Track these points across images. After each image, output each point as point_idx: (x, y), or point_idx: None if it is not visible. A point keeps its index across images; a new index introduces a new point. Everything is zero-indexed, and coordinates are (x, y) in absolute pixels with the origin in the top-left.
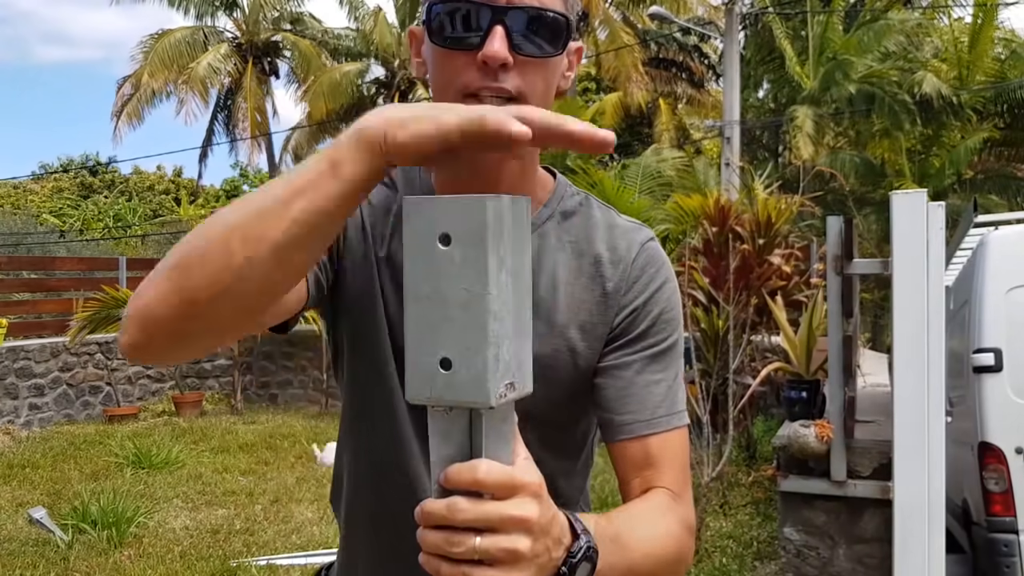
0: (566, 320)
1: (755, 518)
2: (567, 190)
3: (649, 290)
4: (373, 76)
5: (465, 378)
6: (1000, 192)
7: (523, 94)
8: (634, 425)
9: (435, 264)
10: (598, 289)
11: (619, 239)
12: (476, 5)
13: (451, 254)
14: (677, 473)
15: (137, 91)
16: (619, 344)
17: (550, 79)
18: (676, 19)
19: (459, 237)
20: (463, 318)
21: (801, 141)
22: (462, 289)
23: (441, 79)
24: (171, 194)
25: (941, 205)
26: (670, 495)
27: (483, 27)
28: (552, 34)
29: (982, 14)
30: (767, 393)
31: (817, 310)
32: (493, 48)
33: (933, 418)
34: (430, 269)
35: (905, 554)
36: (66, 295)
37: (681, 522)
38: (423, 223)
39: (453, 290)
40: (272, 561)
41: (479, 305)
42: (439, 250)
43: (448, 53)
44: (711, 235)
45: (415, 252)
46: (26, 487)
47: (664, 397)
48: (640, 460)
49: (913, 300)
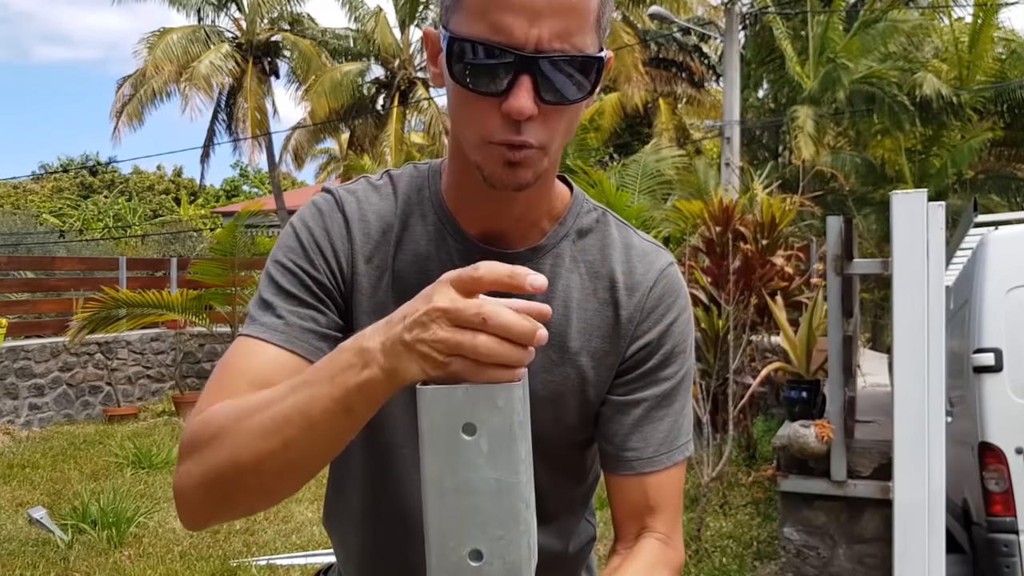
0: (578, 347)
1: (755, 518)
2: (584, 205)
3: (664, 322)
4: (373, 76)
5: (499, 569)
6: (1000, 192)
7: (545, 144)
8: (635, 463)
9: (460, 455)
10: (612, 315)
11: (637, 262)
12: (501, 49)
13: (478, 445)
14: (670, 514)
15: (137, 91)
16: (630, 379)
17: (574, 118)
18: (676, 19)
19: (485, 427)
20: (493, 508)
21: (802, 141)
22: (492, 480)
23: (461, 118)
24: (171, 194)
25: (941, 205)
26: (661, 542)
27: (508, 75)
28: (584, 78)
29: (982, 14)
30: (767, 393)
31: (817, 310)
32: (519, 104)
33: (933, 418)
34: (455, 460)
35: (905, 554)
36: (66, 295)
37: (671, 565)
38: (443, 414)
39: (482, 480)
40: (272, 561)
41: (510, 494)
42: (464, 440)
43: (470, 95)
44: (714, 235)
45: (436, 443)
46: (26, 487)
47: (668, 434)
48: (637, 501)
49: (913, 300)
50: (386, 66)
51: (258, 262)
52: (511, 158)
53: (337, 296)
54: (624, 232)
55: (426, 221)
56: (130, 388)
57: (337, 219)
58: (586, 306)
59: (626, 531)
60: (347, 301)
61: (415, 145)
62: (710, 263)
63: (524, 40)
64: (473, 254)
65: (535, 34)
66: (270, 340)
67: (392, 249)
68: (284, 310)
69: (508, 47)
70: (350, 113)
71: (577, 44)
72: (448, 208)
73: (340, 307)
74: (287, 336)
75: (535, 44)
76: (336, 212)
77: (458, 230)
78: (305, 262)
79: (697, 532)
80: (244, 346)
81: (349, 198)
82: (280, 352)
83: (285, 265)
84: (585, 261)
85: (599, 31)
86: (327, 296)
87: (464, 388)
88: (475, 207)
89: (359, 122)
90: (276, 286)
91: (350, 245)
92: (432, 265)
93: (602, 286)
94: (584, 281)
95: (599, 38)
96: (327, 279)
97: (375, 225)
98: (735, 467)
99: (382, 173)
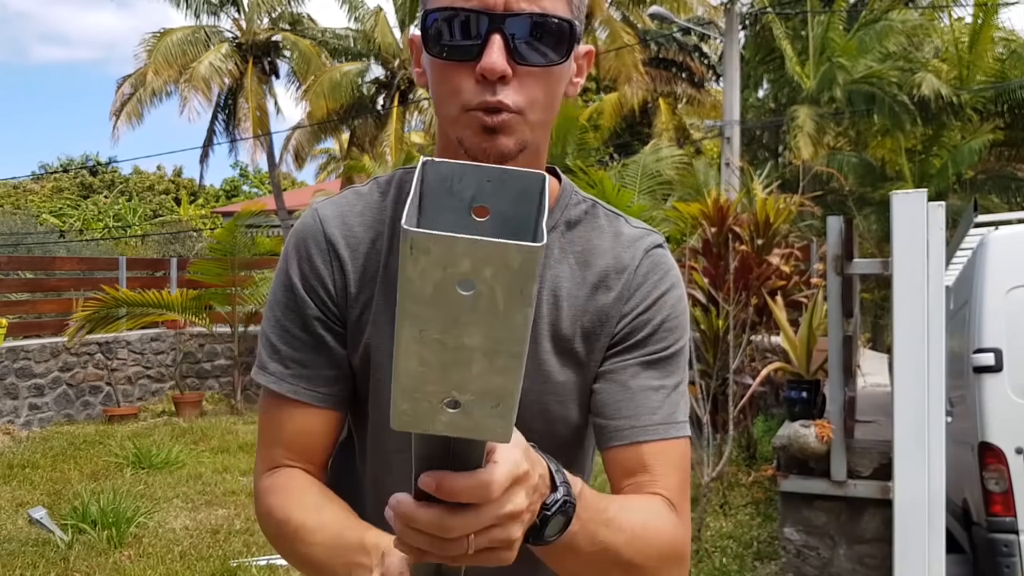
0: (571, 333)
1: (755, 518)
2: (572, 196)
3: (652, 296)
4: (373, 76)
5: (479, 419)
6: (1000, 192)
7: (523, 109)
8: (628, 431)
9: (452, 310)
10: (602, 299)
11: (624, 249)
12: (473, 13)
13: (475, 303)
14: (674, 481)
15: (137, 90)
16: (618, 350)
17: (554, 89)
18: (676, 19)
19: (486, 284)
20: (484, 367)
21: (802, 141)
22: (484, 338)
23: (440, 92)
24: (171, 194)
25: (941, 205)
26: (667, 502)
27: (480, 36)
28: (556, 41)
29: (982, 14)
30: (767, 393)
31: (817, 310)
32: (491, 60)
33: (933, 418)
34: (446, 315)
35: (905, 554)
36: (66, 295)
37: (677, 523)
38: (438, 262)
39: (472, 338)
40: (272, 561)
41: (504, 359)
42: (458, 295)
43: (445, 65)
44: (710, 235)
45: (423, 292)
46: (26, 487)
47: (661, 404)
48: (633, 466)
49: (913, 300)
50: (386, 66)
51: (258, 262)
52: (488, 122)
53: (337, 325)
54: (614, 222)
55: None
56: (130, 388)
57: (321, 245)
58: (576, 294)
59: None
60: (346, 321)
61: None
62: (707, 263)
63: (494, 2)
64: None
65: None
66: (289, 396)
67: (383, 257)
68: (289, 359)
69: (478, 10)
70: (350, 113)
71: (547, 7)
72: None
73: (340, 332)
74: (294, 388)
75: (504, 5)
76: (320, 237)
77: None
78: (297, 313)
79: (697, 532)
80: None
81: (332, 218)
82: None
83: (280, 322)
84: (574, 252)
85: (570, 4)
86: (327, 330)
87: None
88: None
89: (359, 122)
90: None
91: (340, 267)
92: None
93: (591, 273)
94: (574, 271)
95: (570, 11)
96: (323, 313)
97: (363, 236)
98: (735, 467)
99: (370, 181)
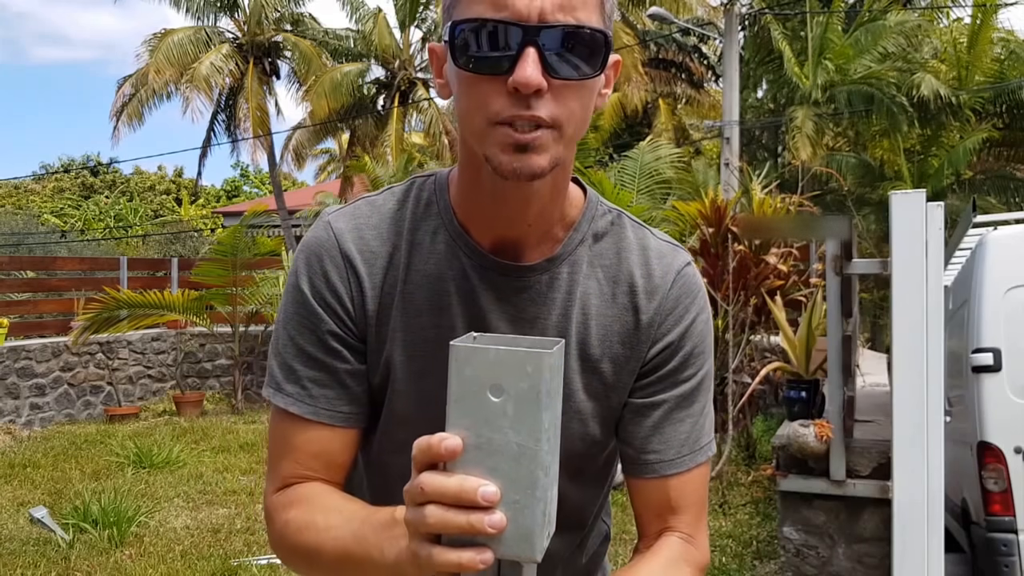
0: (599, 354)
1: (754, 517)
2: (598, 208)
3: (683, 324)
4: (373, 76)
5: (512, 533)
6: (998, 193)
7: (559, 121)
8: (657, 465)
9: (484, 414)
10: (631, 319)
11: (655, 264)
12: (505, 25)
13: (503, 407)
14: (694, 514)
15: (138, 91)
16: (650, 381)
17: (587, 101)
18: (676, 20)
19: (512, 390)
20: (511, 472)
21: (800, 142)
22: (513, 443)
23: (467, 105)
24: (172, 194)
25: (940, 205)
26: (684, 541)
27: (513, 49)
28: (590, 52)
29: (981, 14)
30: (766, 393)
31: (816, 310)
32: (525, 74)
33: (932, 418)
34: (479, 418)
35: (904, 553)
36: (67, 295)
37: (694, 566)
38: (473, 371)
39: (504, 443)
40: (273, 561)
41: (530, 460)
42: (490, 401)
43: (473, 77)
44: (708, 236)
45: (463, 400)
46: (27, 487)
47: (689, 435)
48: (659, 502)
49: (912, 300)
50: (386, 66)
51: (259, 263)
52: (520, 139)
53: (353, 339)
54: (640, 233)
55: (435, 238)
56: (131, 388)
57: (337, 260)
58: (605, 312)
59: (649, 531)
60: (364, 336)
61: (415, 145)
62: (706, 263)
63: (527, 13)
64: (486, 270)
65: (537, 5)
66: (301, 415)
67: (401, 272)
68: (307, 379)
69: (511, 22)
70: (350, 113)
71: (580, 18)
72: (459, 220)
73: (359, 348)
74: (313, 409)
75: (538, 16)
76: (335, 252)
77: (469, 244)
78: (312, 330)
79: None
80: (282, 425)
81: (347, 232)
82: (317, 430)
83: (295, 340)
84: (602, 266)
85: (603, 13)
86: (345, 346)
87: (496, 350)
88: (487, 213)
89: (359, 122)
90: (295, 348)
91: (357, 283)
92: (445, 286)
93: (621, 291)
94: (602, 287)
95: (603, 21)
96: (340, 330)
97: (380, 251)
98: (734, 467)
99: (384, 191)
